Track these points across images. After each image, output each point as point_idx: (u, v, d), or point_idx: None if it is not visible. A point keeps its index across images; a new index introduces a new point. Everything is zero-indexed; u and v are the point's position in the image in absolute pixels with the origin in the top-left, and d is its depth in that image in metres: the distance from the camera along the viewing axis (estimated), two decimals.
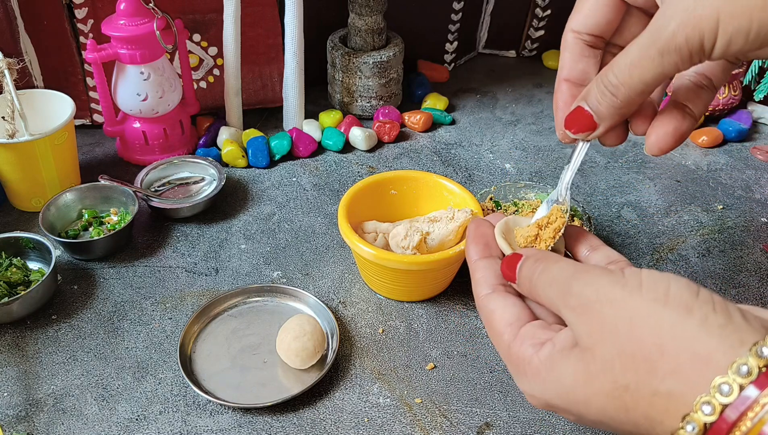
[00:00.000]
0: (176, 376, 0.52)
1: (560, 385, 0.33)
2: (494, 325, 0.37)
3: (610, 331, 0.30)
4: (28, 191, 0.66)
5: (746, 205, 0.71)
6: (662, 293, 0.30)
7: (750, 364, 0.26)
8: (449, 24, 0.90)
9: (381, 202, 0.61)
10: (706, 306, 0.29)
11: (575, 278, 0.33)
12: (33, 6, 0.71)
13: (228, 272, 0.61)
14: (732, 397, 0.26)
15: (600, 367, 0.31)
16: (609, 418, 0.31)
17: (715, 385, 0.27)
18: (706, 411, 0.27)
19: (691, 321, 0.28)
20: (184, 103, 0.76)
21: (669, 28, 0.32)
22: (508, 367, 0.37)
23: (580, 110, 0.38)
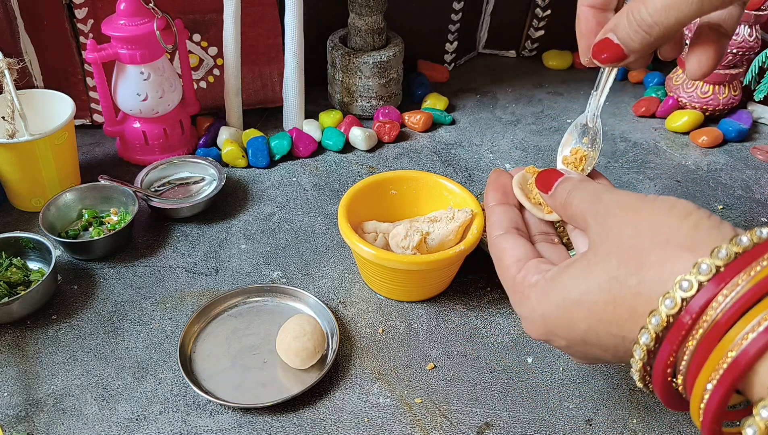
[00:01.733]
0: (176, 376, 0.52)
1: (559, 291, 0.34)
2: (504, 260, 0.40)
3: (616, 231, 0.33)
4: (28, 191, 0.66)
5: (746, 205, 0.71)
6: (670, 204, 0.32)
7: (729, 250, 0.28)
8: (449, 24, 0.90)
9: (381, 202, 0.61)
10: (703, 213, 0.31)
11: (608, 191, 0.36)
12: (33, 6, 0.71)
13: (228, 272, 0.62)
14: (691, 292, 0.28)
15: (599, 260, 0.33)
16: (597, 319, 0.33)
17: (677, 281, 0.29)
18: (667, 304, 0.29)
19: (687, 222, 0.31)
20: (184, 103, 0.76)
21: None
22: (510, 298, 0.39)
23: (608, 42, 0.38)
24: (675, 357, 0.29)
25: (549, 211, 0.43)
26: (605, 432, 0.49)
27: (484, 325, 0.57)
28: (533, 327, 0.37)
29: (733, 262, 0.28)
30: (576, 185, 0.39)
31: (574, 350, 0.36)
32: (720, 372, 0.27)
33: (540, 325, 0.36)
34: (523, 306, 0.37)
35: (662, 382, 0.30)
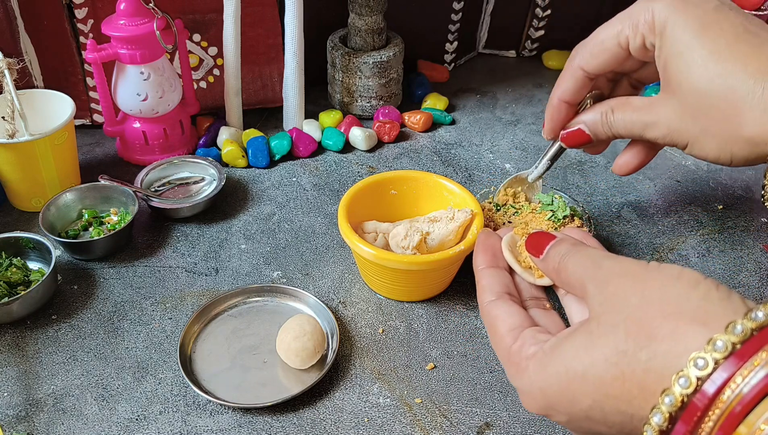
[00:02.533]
0: (176, 376, 0.52)
1: (560, 363, 0.33)
2: (497, 329, 0.38)
3: (620, 301, 0.32)
4: (28, 191, 0.66)
5: (746, 205, 0.71)
6: (676, 273, 0.31)
7: (745, 325, 0.27)
8: (449, 24, 0.90)
9: (381, 202, 0.61)
10: (711, 283, 0.30)
11: (607, 257, 0.36)
12: (33, 6, 0.71)
13: (228, 272, 0.62)
14: (707, 371, 0.27)
15: (603, 331, 0.31)
16: (604, 395, 0.31)
17: (692, 358, 0.28)
18: (682, 383, 0.28)
19: (696, 293, 0.30)
20: (184, 103, 0.76)
21: (653, 132, 0.45)
22: (506, 370, 0.37)
23: (581, 132, 0.50)
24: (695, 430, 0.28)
25: (540, 275, 0.41)
26: None
27: (484, 325, 0.57)
28: (532, 401, 0.35)
29: (750, 339, 0.27)
30: (570, 249, 0.38)
31: (575, 426, 0.34)
32: None
33: (539, 399, 0.34)
34: (520, 379, 0.35)
35: None
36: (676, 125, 0.43)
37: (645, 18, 0.42)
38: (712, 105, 0.40)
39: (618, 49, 0.45)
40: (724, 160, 0.42)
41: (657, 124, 0.44)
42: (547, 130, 0.52)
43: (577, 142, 0.50)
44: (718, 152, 0.41)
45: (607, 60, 0.46)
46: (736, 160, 0.41)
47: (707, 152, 0.42)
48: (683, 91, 0.41)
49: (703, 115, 0.41)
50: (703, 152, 0.42)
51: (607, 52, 0.46)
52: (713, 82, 0.39)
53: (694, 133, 0.42)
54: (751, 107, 0.38)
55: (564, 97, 0.50)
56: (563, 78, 0.49)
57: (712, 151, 0.42)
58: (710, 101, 0.40)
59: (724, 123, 0.40)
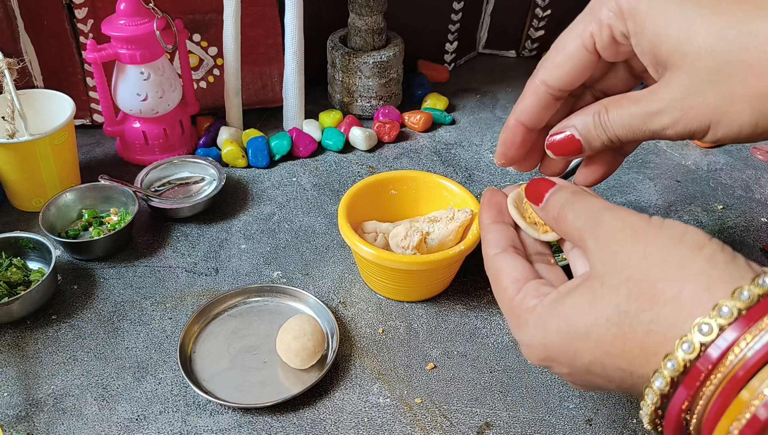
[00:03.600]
0: (176, 376, 0.52)
1: (562, 320, 0.33)
2: (501, 281, 0.38)
3: (622, 260, 0.31)
4: (28, 191, 0.66)
5: (746, 205, 0.71)
6: (679, 233, 0.31)
7: (752, 291, 0.27)
8: (449, 24, 0.90)
9: (381, 202, 0.61)
10: (716, 246, 0.30)
11: (608, 209, 0.34)
12: (33, 6, 0.71)
13: (228, 272, 0.62)
14: (711, 337, 0.27)
15: (606, 291, 0.31)
16: (605, 352, 0.31)
17: (696, 324, 0.27)
18: (685, 348, 0.27)
19: (700, 256, 0.29)
20: (184, 103, 0.76)
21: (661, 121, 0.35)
22: (508, 321, 0.37)
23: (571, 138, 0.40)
24: (691, 402, 0.28)
25: (545, 230, 0.41)
26: (605, 432, 0.49)
27: (484, 325, 0.57)
28: (533, 354, 0.35)
29: (756, 305, 0.26)
30: (569, 198, 0.37)
31: (575, 378, 0.34)
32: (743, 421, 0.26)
33: (540, 352, 0.35)
34: (521, 332, 0.36)
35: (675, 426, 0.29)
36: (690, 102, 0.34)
37: (608, 7, 0.36)
38: (732, 60, 0.32)
39: (584, 52, 0.38)
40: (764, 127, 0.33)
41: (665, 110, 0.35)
42: (498, 153, 0.44)
43: (567, 150, 0.40)
44: (756, 116, 0.33)
45: (573, 69, 0.39)
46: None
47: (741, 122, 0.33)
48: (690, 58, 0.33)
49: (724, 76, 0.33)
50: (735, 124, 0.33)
51: (572, 59, 0.38)
52: (724, 35, 0.32)
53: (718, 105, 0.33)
54: None
55: (522, 118, 0.41)
56: (523, 96, 0.42)
57: (747, 118, 0.33)
58: (728, 57, 0.32)
59: (753, 77, 0.32)
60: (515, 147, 0.43)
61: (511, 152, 0.43)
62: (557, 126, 0.40)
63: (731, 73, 0.32)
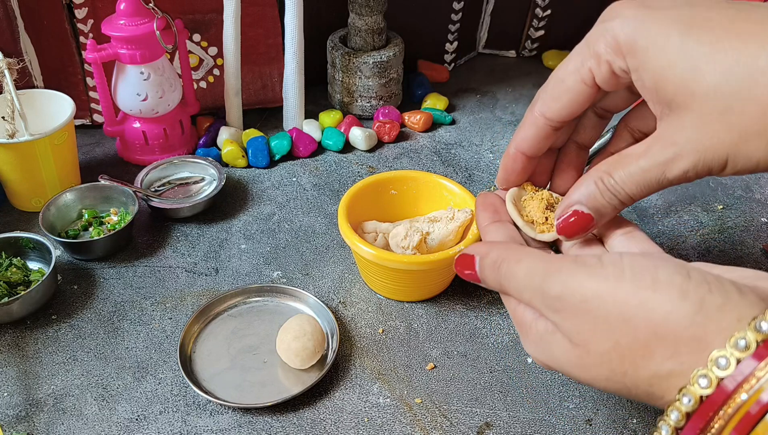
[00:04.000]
0: (176, 376, 0.52)
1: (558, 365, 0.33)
2: None
3: (602, 327, 0.30)
4: (28, 191, 0.66)
5: (746, 205, 0.71)
6: (650, 280, 0.29)
7: (748, 338, 0.26)
8: (449, 24, 0.90)
9: (381, 202, 0.61)
10: (701, 288, 0.28)
11: (548, 279, 0.32)
12: (33, 6, 0.71)
13: (228, 272, 0.62)
14: (729, 371, 0.26)
15: (596, 360, 0.31)
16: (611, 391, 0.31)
17: (713, 358, 0.27)
18: (702, 384, 0.27)
19: (687, 306, 0.28)
20: (184, 103, 0.76)
21: (680, 166, 0.33)
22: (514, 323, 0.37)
23: (581, 214, 0.38)
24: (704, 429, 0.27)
25: (541, 230, 0.41)
26: (605, 432, 0.49)
27: (484, 325, 0.57)
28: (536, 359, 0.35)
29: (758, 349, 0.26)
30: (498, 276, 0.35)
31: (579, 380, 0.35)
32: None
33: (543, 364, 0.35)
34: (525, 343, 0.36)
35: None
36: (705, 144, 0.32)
37: (606, 42, 0.35)
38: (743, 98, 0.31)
39: (582, 86, 0.37)
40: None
41: (682, 155, 0.33)
42: (500, 179, 0.44)
43: (580, 229, 0.38)
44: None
45: (571, 102, 0.38)
46: None
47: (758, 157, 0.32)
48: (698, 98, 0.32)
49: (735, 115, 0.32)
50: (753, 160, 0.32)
51: (570, 92, 0.38)
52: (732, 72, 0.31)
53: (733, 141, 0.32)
54: None
55: (522, 147, 0.41)
56: (523, 126, 0.41)
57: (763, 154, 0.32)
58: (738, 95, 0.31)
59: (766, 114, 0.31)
60: (516, 173, 0.43)
61: (512, 178, 0.43)
62: (560, 208, 0.39)
63: (743, 111, 0.32)
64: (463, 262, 0.38)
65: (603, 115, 0.43)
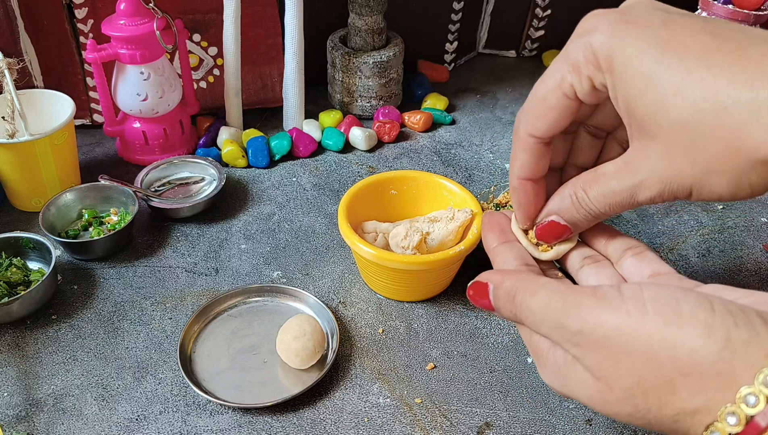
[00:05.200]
0: (176, 376, 0.52)
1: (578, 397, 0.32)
2: None
3: (625, 363, 0.29)
4: (28, 191, 0.66)
5: (746, 205, 0.71)
6: (673, 315, 0.28)
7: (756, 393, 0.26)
8: (449, 24, 0.90)
9: (381, 202, 0.61)
10: (727, 322, 0.27)
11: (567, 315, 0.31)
12: (33, 6, 0.71)
13: (228, 272, 0.62)
14: (758, 408, 0.26)
15: (619, 396, 0.30)
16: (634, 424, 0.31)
17: (741, 395, 0.26)
18: (731, 422, 0.26)
19: (713, 342, 0.27)
20: (184, 103, 0.76)
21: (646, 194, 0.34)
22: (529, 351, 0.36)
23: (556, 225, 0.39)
24: None
25: (544, 249, 0.41)
26: (605, 432, 0.49)
27: (484, 325, 0.57)
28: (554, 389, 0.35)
29: None
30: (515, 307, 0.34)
31: None
32: None
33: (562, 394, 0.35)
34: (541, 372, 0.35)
35: None
36: (670, 174, 0.33)
37: (585, 56, 0.34)
38: (707, 136, 0.31)
39: (565, 101, 0.37)
40: (744, 195, 0.33)
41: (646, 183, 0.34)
42: (520, 219, 0.42)
43: (556, 235, 0.40)
44: (734, 188, 0.32)
45: (556, 119, 0.37)
46: (758, 190, 0.33)
47: (720, 192, 0.32)
48: (664, 129, 0.32)
49: (699, 151, 0.32)
50: (715, 194, 0.33)
51: (553, 110, 0.37)
52: (699, 108, 0.30)
53: (696, 176, 0.32)
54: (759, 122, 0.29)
55: (524, 174, 0.40)
56: (515, 154, 0.40)
57: (725, 190, 0.32)
58: (703, 132, 0.31)
59: (729, 154, 0.31)
60: (531, 204, 0.41)
61: (531, 211, 0.41)
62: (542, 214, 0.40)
63: (706, 149, 0.31)
64: (477, 290, 0.37)
65: (597, 135, 0.42)
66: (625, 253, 0.39)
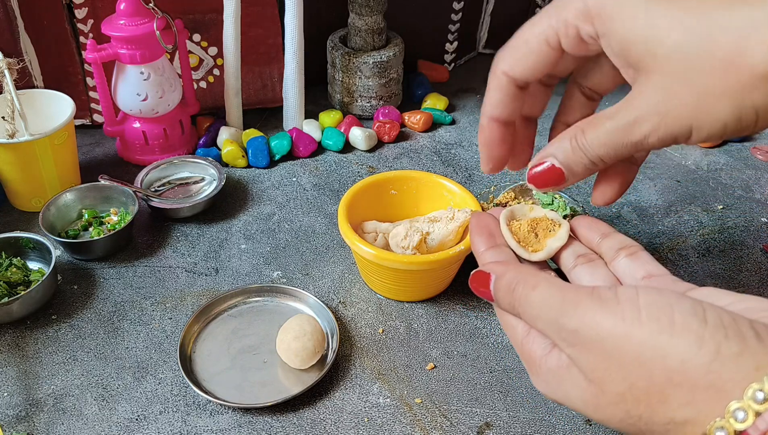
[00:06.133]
0: (176, 376, 0.52)
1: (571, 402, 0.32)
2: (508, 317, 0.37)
3: (617, 367, 0.29)
4: (28, 191, 0.66)
5: (746, 205, 0.71)
6: (667, 323, 0.28)
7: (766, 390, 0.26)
8: (449, 24, 0.90)
9: (381, 202, 0.61)
10: (718, 334, 0.27)
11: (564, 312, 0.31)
12: (33, 6, 0.71)
13: (228, 272, 0.62)
14: (747, 424, 0.26)
15: (610, 400, 0.30)
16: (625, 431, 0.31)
17: (730, 410, 0.26)
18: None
19: (704, 353, 0.27)
20: (184, 103, 0.76)
21: (641, 130, 0.33)
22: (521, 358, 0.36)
23: (552, 168, 0.37)
24: None
25: (534, 250, 0.40)
26: (605, 432, 0.49)
27: (484, 325, 0.57)
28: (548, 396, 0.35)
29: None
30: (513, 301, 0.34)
31: None
32: None
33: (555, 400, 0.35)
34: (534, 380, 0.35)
35: None
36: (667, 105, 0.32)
37: (575, 7, 0.35)
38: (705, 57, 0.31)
39: (546, 48, 0.37)
40: (749, 120, 0.31)
41: (643, 117, 0.33)
42: (483, 159, 0.41)
43: (549, 181, 0.38)
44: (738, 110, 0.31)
45: (535, 62, 0.38)
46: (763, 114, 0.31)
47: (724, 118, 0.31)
48: (660, 59, 0.32)
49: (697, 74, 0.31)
50: (719, 122, 0.31)
51: (533, 54, 0.38)
52: (694, 32, 0.31)
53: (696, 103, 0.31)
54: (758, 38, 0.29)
55: (493, 113, 0.39)
56: (488, 91, 0.40)
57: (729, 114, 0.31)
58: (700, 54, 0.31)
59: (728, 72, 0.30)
60: (496, 144, 0.40)
61: (495, 152, 0.41)
62: (536, 157, 0.38)
63: (704, 70, 0.31)
64: (478, 280, 0.37)
65: (591, 97, 0.41)
66: (619, 252, 0.39)
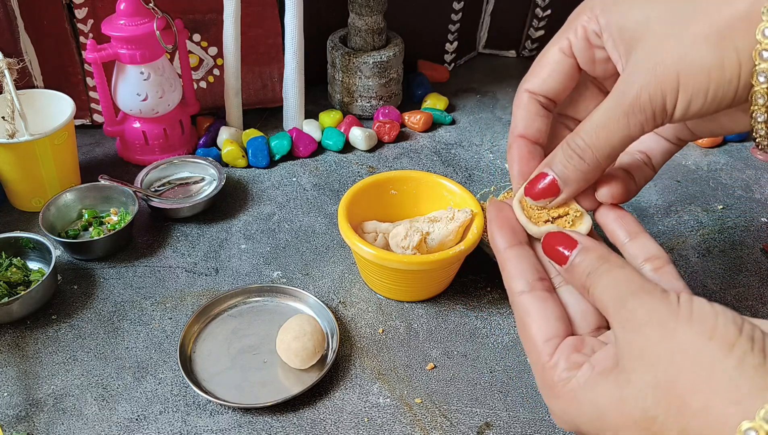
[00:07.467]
0: (176, 376, 0.52)
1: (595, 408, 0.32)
2: (530, 334, 0.36)
3: (650, 360, 0.30)
4: (28, 191, 0.66)
5: (746, 205, 0.71)
6: (709, 327, 0.29)
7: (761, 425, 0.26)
8: (449, 24, 0.90)
9: (381, 202, 0.61)
10: (746, 344, 0.28)
11: (633, 294, 0.32)
12: (33, 6, 0.71)
13: (228, 272, 0.62)
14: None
15: (632, 393, 0.30)
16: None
17: (741, 430, 0.26)
18: None
19: (730, 360, 0.28)
20: (184, 103, 0.76)
21: (633, 89, 0.33)
22: (538, 383, 0.36)
23: (543, 176, 0.37)
24: None
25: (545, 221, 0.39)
26: None
27: (484, 325, 0.57)
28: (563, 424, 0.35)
29: None
30: (597, 268, 0.34)
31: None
32: None
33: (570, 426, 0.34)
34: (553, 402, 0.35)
35: None
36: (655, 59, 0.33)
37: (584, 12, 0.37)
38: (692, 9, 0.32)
39: (561, 56, 0.38)
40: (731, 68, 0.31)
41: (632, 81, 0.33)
42: (513, 177, 0.41)
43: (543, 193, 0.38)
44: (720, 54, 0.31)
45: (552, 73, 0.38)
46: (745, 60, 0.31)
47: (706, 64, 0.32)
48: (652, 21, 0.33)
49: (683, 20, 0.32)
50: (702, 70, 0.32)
51: (550, 63, 0.38)
52: None
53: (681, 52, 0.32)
54: None
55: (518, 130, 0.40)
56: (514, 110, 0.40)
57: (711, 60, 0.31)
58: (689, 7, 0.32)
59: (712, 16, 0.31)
60: (525, 161, 0.40)
61: (525, 168, 0.40)
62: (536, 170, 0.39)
63: (688, 15, 0.32)
64: (562, 241, 0.36)
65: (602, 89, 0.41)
66: (644, 264, 0.37)
